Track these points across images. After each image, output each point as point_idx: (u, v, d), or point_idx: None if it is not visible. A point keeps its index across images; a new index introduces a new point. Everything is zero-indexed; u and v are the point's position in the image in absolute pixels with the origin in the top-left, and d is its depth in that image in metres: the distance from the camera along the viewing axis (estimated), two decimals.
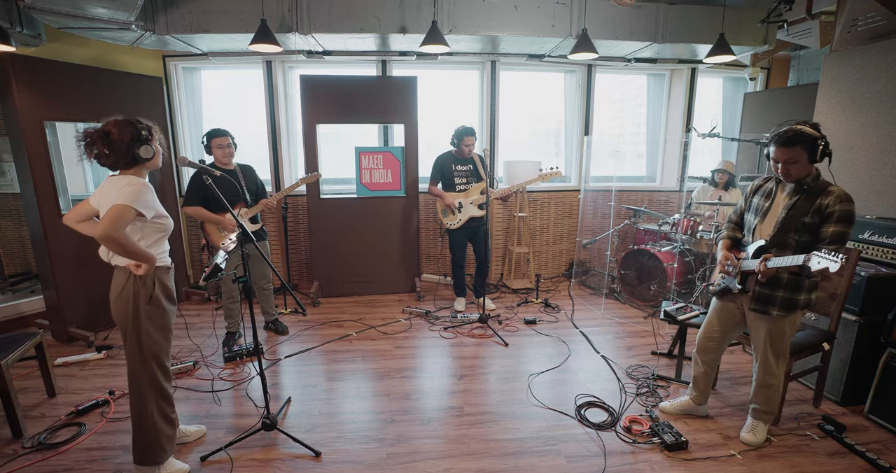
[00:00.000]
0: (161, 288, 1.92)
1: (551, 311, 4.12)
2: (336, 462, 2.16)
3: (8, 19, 3.00)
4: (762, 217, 2.08)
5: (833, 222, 1.85)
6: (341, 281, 4.46)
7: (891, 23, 2.89)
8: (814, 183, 1.93)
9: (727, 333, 2.32)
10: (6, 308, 3.62)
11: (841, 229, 1.84)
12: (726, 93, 5.43)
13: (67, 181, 3.50)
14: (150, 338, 1.91)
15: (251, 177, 3.34)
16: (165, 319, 1.95)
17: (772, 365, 2.17)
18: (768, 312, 2.07)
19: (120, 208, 1.71)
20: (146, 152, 1.82)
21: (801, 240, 1.94)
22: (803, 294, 2.03)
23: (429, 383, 2.90)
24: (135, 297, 1.85)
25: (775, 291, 2.04)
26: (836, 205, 1.85)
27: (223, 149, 3.11)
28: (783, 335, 2.11)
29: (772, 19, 3.86)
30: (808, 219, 1.90)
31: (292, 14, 3.57)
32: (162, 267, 1.93)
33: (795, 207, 1.94)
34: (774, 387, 2.22)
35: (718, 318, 2.31)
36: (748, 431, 2.29)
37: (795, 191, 1.98)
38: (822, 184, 1.93)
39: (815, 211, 1.89)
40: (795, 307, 2.04)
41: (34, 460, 2.15)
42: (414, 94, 4.25)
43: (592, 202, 5.06)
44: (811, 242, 1.92)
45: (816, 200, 1.89)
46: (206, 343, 3.41)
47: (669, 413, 2.53)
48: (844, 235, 1.84)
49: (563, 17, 3.80)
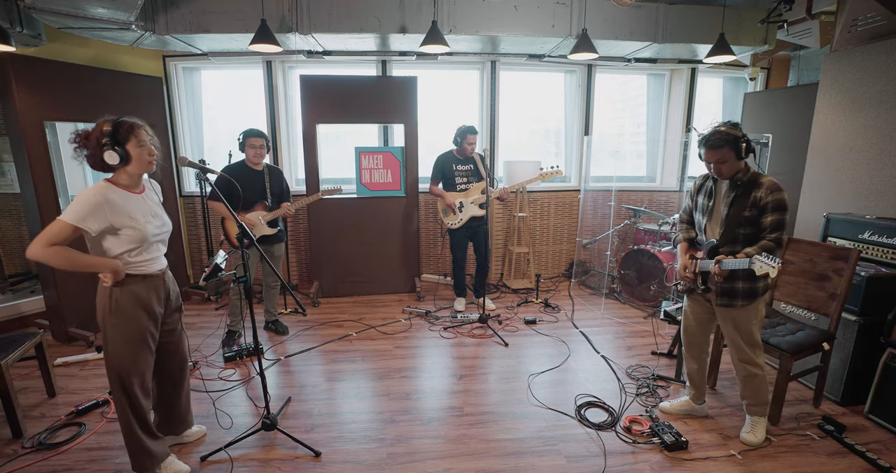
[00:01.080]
0: (132, 297, 1.82)
1: (551, 311, 4.12)
2: (336, 462, 2.16)
3: (8, 19, 3.00)
4: (709, 216, 2.23)
5: (769, 212, 2.01)
6: (341, 281, 4.46)
7: (891, 23, 2.89)
8: (745, 177, 2.08)
9: (703, 326, 2.40)
10: (6, 308, 3.62)
11: (777, 217, 2.00)
12: (726, 93, 5.43)
13: (67, 181, 3.50)
14: (115, 350, 1.83)
15: (277, 179, 3.37)
16: (133, 331, 1.84)
17: (747, 354, 2.21)
18: (734, 305, 2.17)
19: (54, 225, 1.66)
20: (110, 158, 1.72)
21: (747, 233, 2.08)
22: (761, 280, 2.12)
23: (429, 383, 2.90)
24: (102, 305, 1.81)
25: (735, 283, 2.14)
26: (768, 197, 2.00)
27: (255, 150, 3.16)
28: (748, 322, 2.18)
29: (772, 19, 3.86)
30: (748, 212, 2.05)
31: (292, 14, 3.57)
32: (137, 276, 1.82)
33: (735, 203, 2.10)
34: (758, 377, 2.23)
35: (692, 314, 2.40)
36: (748, 431, 2.30)
37: (731, 188, 2.12)
38: (753, 176, 2.08)
39: (752, 204, 2.04)
40: (756, 294, 2.14)
41: (34, 460, 2.15)
42: (414, 94, 4.25)
43: (592, 202, 5.06)
44: (756, 232, 2.07)
45: (751, 194, 2.05)
46: (206, 343, 3.41)
47: (669, 413, 2.53)
48: (782, 222, 2.00)
49: (563, 17, 3.80)
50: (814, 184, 3.37)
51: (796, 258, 2.65)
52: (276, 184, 3.35)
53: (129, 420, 1.90)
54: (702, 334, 2.42)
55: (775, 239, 1.98)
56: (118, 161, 1.75)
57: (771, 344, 2.39)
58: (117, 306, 1.81)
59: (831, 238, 2.97)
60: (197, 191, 4.55)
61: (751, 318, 2.18)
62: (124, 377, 1.86)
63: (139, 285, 1.85)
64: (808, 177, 3.41)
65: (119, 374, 1.86)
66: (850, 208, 3.09)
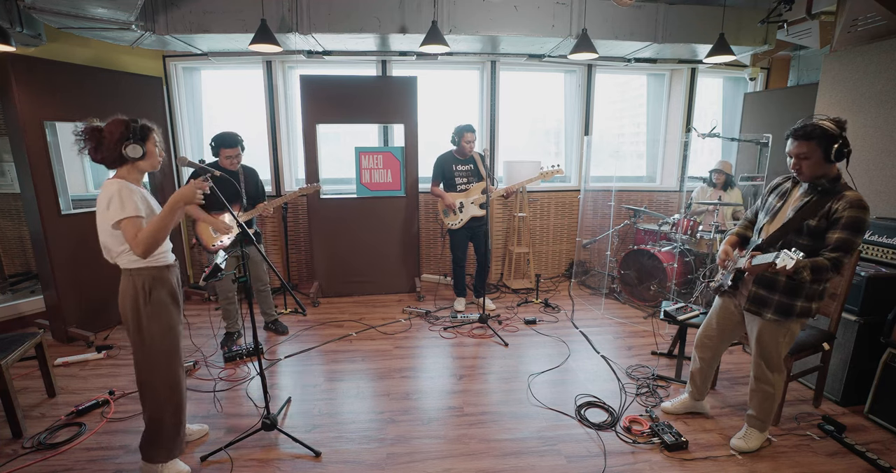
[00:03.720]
0: (162, 287, 1.91)
1: (551, 311, 4.12)
2: (336, 462, 2.16)
3: (8, 19, 3.00)
4: (772, 216, 1.99)
5: (839, 228, 1.73)
6: (341, 281, 4.46)
7: (891, 23, 2.89)
8: (830, 184, 1.79)
9: (725, 333, 2.27)
10: (6, 308, 3.62)
11: (847, 236, 1.71)
12: (726, 93, 5.43)
13: (67, 181, 3.50)
14: (157, 339, 1.90)
15: (252, 179, 3.32)
16: (170, 318, 1.93)
17: (764, 372, 2.09)
18: (761, 314, 1.99)
19: (126, 226, 1.77)
20: (133, 151, 1.81)
21: (803, 244, 1.82)
22: (801, 300, 1.90)
23: (429, 383, 2.90)
24: (134, 298, 1.85)
25: (772, 294, 1.96)
26: (844, 210, 1.72)
27: (231, 160, 3.11)
28: (776, 343, 2.00)
29: (772, 19, 3.86)
30: (815, 222, 1.79)
31: (292, 14, 3.57)
32: (161, 266, 1.92)
33: (804, 209, 1.83)
34: (769, 395, 2.12)
35: (717, 317, 2.27)
36: (740, 437, 2.25)
37: (808, 192, 1.86)
38: (839, 187, 1.79)
39: (824, 215, 1.77)
40: (791, 313, 1.93)
41: (34, 460, 2.15)
42: (414, 94, 4.25)
43: (592, 202, 5.06)
44: (816, 247, 1.79)
45: (827, 203, 1.77)
46: (207, 343, 3.41)
47: (671, 412, 2.52)
48: (850, 243, 1.71)
49: (563, 17, 3.80)
50: None
51: None
52: (252, 185, 3.29)
53: (175, 409, 1.98)
54: (719, 340, 2.30)
55: (834, 259, 1.68)
56: (140, 155, 1.83)
57: None
58: (150, 297, 1.87)
59: None
60: None
61: (777, 337, 1.99)
62: (172, 363, 1.96)
63: (164, 274, 1.93)
64: None
65: (165, 362, 1.93)
66: None
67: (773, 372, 2.09)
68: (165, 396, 1.96)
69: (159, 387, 1.94)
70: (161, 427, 1.97)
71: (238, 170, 3.21)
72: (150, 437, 1.99)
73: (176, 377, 1.98)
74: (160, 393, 1.95)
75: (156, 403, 1.95)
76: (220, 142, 3.07)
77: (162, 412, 1.96)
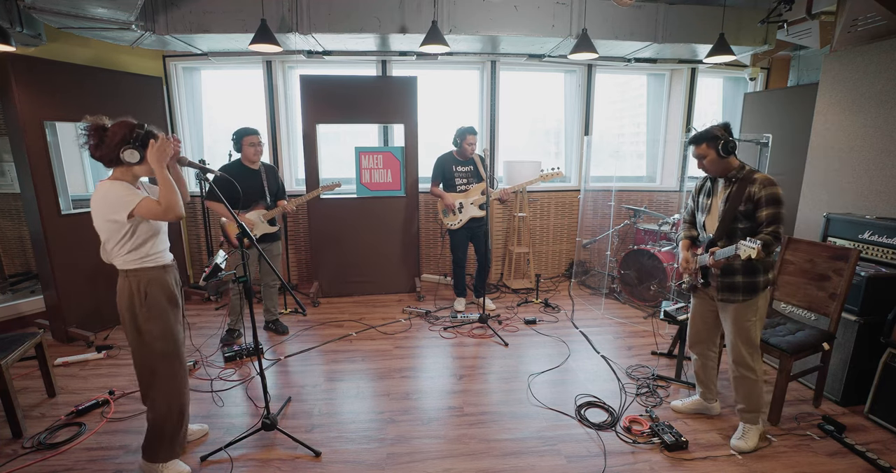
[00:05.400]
0: (158, 288, 1.90)
1: (551, 311, 4.12)
2: (336, 462, 2.16)
3: (8, 19, 3.00)
4: (707, 212, 2.27)
5: (764, 206, 2.02)
6: (341, 281, 4.46)
7: (891, 23, 2.89)
8: (740, 174, 2.11)
9: (709, 325, 2.39)
10: (6, 308, 3.62)
11: (772, 210, 2.01)
12: (726, 93, 5.43)
13: (67, 181, 3.50)
14: (156, 341, 1.89)
15: (273, 177, 3.39)
16: (167, 320, 1.92)
17: (744, 356, 2.19)
18: (734, 299, 2.16)
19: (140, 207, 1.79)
20: (130, 156, 1.81)
21: (744, 227, 2.10)
22: (761, 275, 2.13)
23: (429, 383, 2.90)
24: (130, 300, 1.85)
25: (734, 278, 2.15)
26: (761, 191, 2.02)
27: (255, 147, 3.17)
28: (746, 318, 2.16)
29: (772, 19, 3.86)
30: (743, 207, 2.08)
31: (292, 14, 3.57)
32: (157, 267, 1.91)
33: (730, 199, 2.12)
34: (750, 381, 2.20)
35: (699, 313, 2.40)
36: (739, 437, 2.27)
37: (727, 185, 2.16)
38: (749, 173, 2.10)
39: (747, 198, 2.06)
40: (756, 289, 2.14)
41: (34, 460, 2.15)
42: (414, 94, 4.25)
43: (592, 202, 5.06)
44: (753, 227, 2.08)
45: (746, 189, 2.07)
46: (207, 343, 3.41)
47: (681, 411, 2.54)
48: (777, 215, 2.01)
49: (563, 17, 3.80)
50: (814, 184, 3.37)
51: (796, 258, 2.65)
52: (273, 182, 3.37)
53: (178, 410, 1.98)
54: (707, 332, 2.41)
55: (772, 232, 1.99)
56: (136, 160, 1.84)
57: (771, 344, 2.39)
58: (146, 298, 1.87)
59: (831, 238, 2.97)
60: (197, 190, 4.54)
61: (749, 314, 2.16)
62: (174, 364, 1.96)
63: (161, 275, 1.92)
64: (808, 178, 3.41)
65: (166, 363, 1.94)
66: (850, 208, 3.09)
67: (750, 348, 2.19)
68: (168, 397, 1.95)
69: (161, 388, 1.94)
70: (163, 427, 1.97)
71: (260, 168, 3.28)
72: (151, 437, 1.99)
73: (178, 378, 1.98)
74: (162, 394, 1.95)
75: (158, 404, 1.95)
76: (241, 132, 3.17)
77: (164, 413, 1.96)
